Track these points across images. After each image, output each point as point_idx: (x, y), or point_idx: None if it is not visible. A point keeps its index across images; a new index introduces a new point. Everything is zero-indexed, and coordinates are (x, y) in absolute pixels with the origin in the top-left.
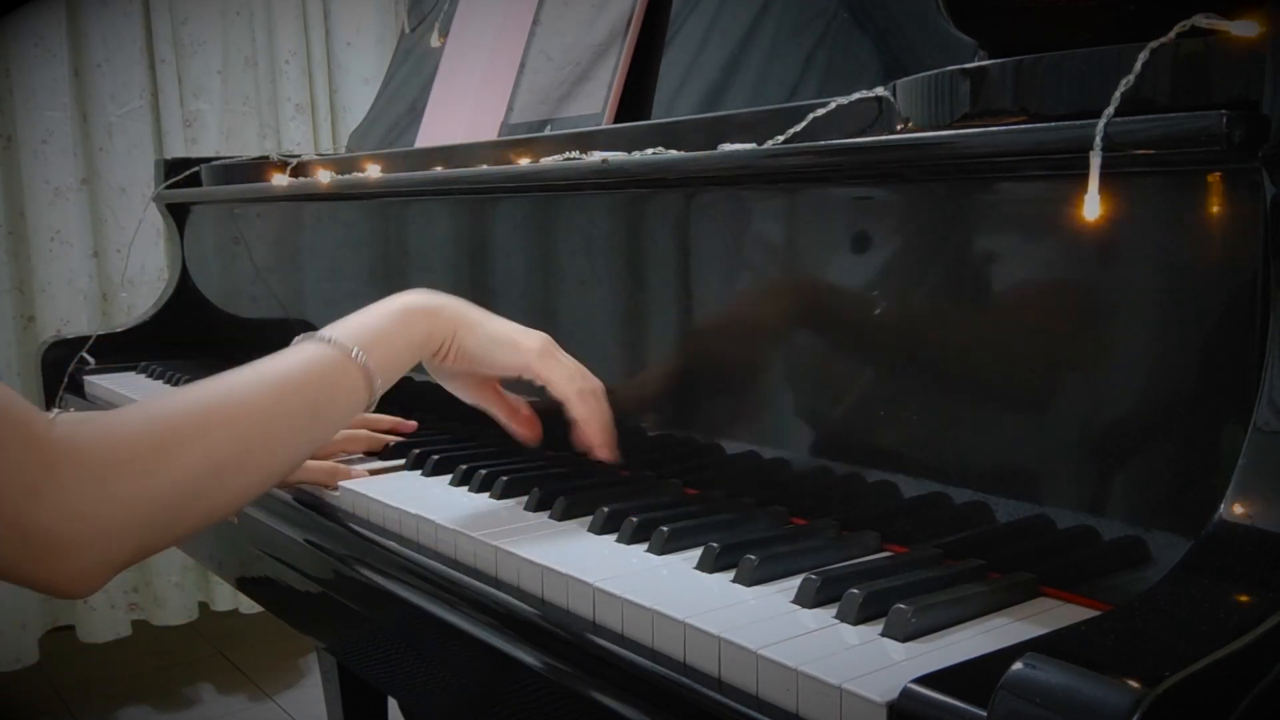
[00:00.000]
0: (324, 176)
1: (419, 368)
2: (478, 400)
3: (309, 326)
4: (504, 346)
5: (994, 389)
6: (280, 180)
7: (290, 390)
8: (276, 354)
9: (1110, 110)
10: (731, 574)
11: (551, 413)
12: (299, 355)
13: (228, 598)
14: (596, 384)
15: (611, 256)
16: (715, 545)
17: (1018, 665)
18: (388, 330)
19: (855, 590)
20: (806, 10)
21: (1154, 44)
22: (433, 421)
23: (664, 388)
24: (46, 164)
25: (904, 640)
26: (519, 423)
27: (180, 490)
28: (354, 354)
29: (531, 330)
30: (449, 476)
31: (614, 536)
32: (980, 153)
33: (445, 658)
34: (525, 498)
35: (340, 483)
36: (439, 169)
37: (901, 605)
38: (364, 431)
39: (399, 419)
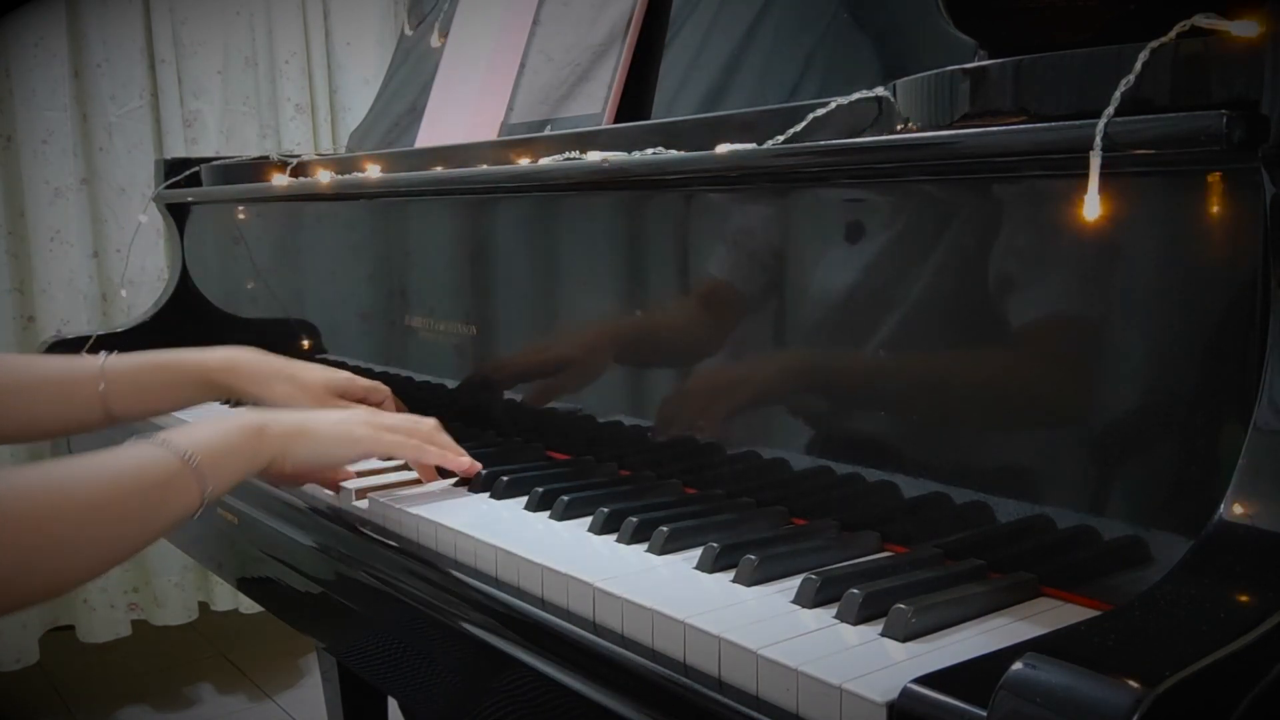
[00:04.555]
0: (324, 176)
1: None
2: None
3: (309, 327)
4: (341, 443)
5: (994, 389)
6: (280, 180)
7: (123, 492)
8: (118, 449)
9: (1110, 110)
10: (731, 574)
11: (550, 414)
12: (138, 457)
13: (228, 598)
14: (428, 423)
15: (611, 256)
16: (715, 545)
17: (1018, 665)
18: (225, 446)
19: (855, 590)
20: (806, 10)
21: (1154, 44)
22: None
23: (664, 388)
24: (46, 164)
25: (904, 640)
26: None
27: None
28: (193, 463)
29: (350, 410)
30: (450, 478)
31: (614, 536)
32: (980, 153)
33: (445, 657)
34: (525, 498)
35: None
36: (439, 169)
37: (901, 605)
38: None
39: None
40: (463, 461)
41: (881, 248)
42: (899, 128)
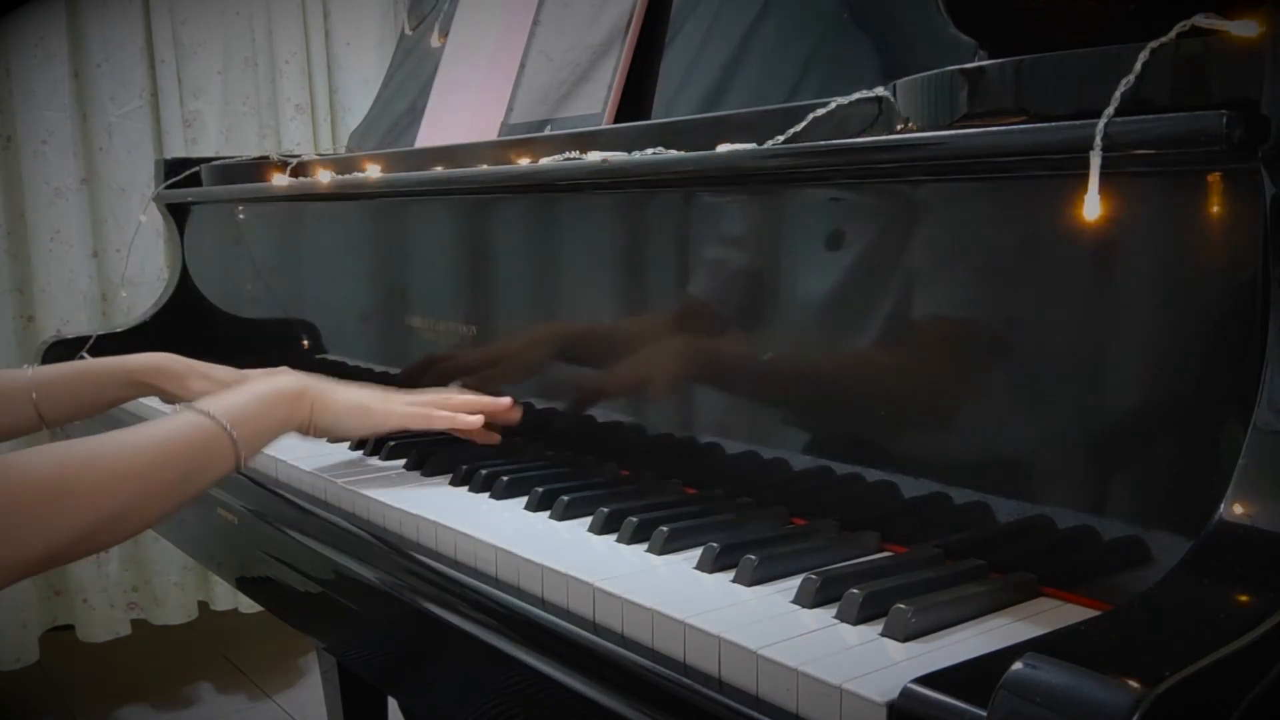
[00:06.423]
0: (324, 176)
1: None
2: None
3: (309, 326)
4: (354, 414)
5: (994, 389)
6: (280, 180)
7: (170, 457)
8: (163, 419)
9: (1110, 110)
10: (731, 574)
11: (549, 413)
12: (181, 425)
13: (228, 597)
14: (433, 396)
15: (611, 256)
16: (715, 545)
17: (1018, 665)
18: (257, 411)
19: (855, 590)
20: (806, 10)
21: (1154, 44)
22: None
23: (664, 388)
24: (46, 164)
25: (904, 640)
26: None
27: (70, 537)
28: (228, 429)
29: (372, 388)
30: (449, 476)
31: (614, 536)
32: (980, 153)
33: (445, 657)
34: (525, 498)
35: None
36: (439, 169)
37: (901, 605)
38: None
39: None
40: (502, 402)
41: (881, 247)
42: (899, 128)
